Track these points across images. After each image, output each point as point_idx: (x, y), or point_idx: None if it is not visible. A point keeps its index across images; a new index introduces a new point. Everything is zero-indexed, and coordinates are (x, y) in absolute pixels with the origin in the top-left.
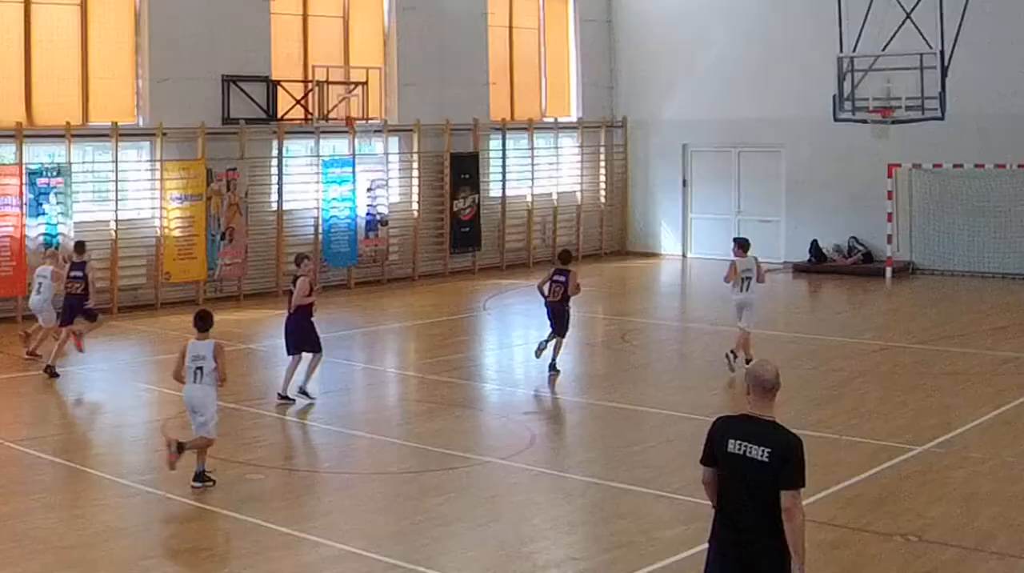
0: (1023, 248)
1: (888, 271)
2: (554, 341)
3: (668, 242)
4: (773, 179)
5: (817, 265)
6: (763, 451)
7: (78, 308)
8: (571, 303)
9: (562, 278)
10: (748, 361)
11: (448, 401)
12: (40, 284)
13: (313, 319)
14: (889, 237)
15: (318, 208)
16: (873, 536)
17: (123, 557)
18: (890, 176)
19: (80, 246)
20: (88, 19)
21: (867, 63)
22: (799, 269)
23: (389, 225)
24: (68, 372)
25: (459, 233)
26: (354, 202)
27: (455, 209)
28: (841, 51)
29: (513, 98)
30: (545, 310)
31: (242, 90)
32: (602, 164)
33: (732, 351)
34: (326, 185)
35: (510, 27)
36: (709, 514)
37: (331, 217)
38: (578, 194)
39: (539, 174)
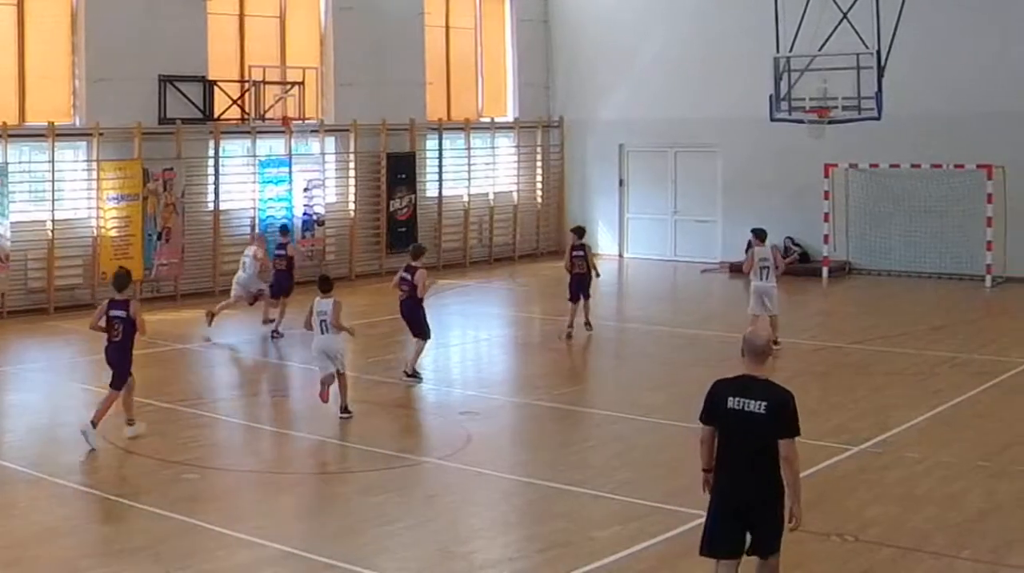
0: (959, 248)
1: (825, 271)
2: (581, 305)
3: (605, 242)
4: (709, 179)
5: None
6: (760, 405)
7: (285, 282)
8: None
9: (581, 252)
10: (775, 342)
11: (385, 401)
12: (245, 263)
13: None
14: (826, 237)
15: (255, 208)
16: (810, 536)
17: (60, 557)
18: (827, 176)
19: (284, 228)
20: (25, 19)
21: (803, 63)
22: (736, 269)
23: (326, 225)
24: (3, 372)
25: (396, 233)
26: (291, 202)
27: (392, 209)
28: (777, 51)
29: (450, 98)
30: (569, 280)
31: (178, 90)
32: (539, 164)
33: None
34: (263, 185)
35: (446, 27)
36: (642, 515)
37: (268, 217)
38: (515, 194)
39: (476, 174)
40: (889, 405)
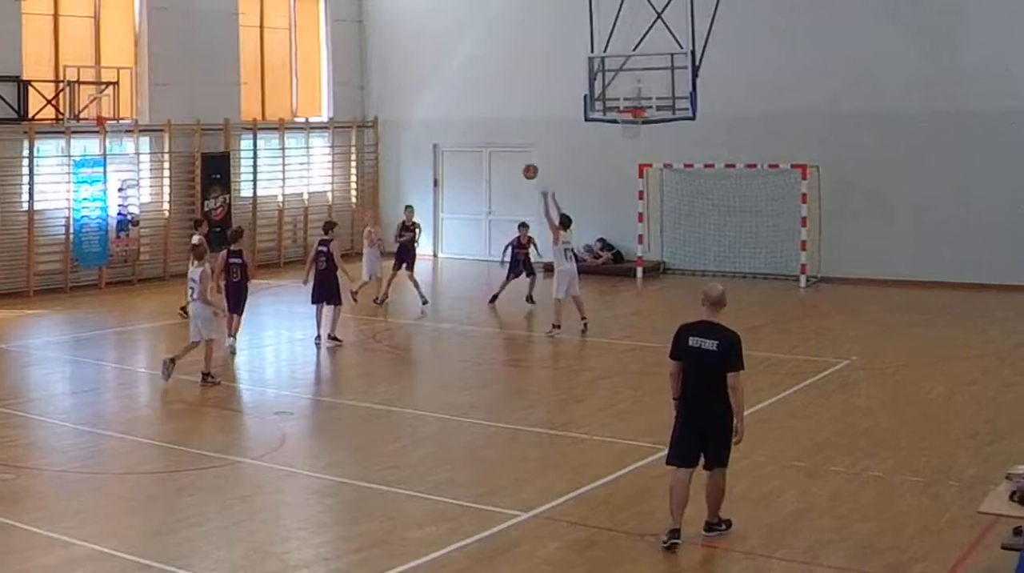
0: (774, 248)
1: (639, 271)
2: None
3: (419, 242)
4: (524, 179)
5: None
6: (713, 343)
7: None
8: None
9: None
10: (584, 319)
11: (199, 401)
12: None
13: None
14: (640, 237)
15: (69, 208)
16: (624, 536)
17: None
18: (641, 176)
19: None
20: None
21: (618, 63)
22: (550, 269)
23: (140, 225)
24: None
25: (211, 233)
26: (105, 202)
27: (206, 209)
28: (592, 51)
29: (264, 98)
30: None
31: None
32: (353, 164)
33: (558, 327)
34: (77, 185)
35: (261, 27)
36: (457, 515)
37: (82, 217)
38: (329, 194)
39: (290, 174)
40: None
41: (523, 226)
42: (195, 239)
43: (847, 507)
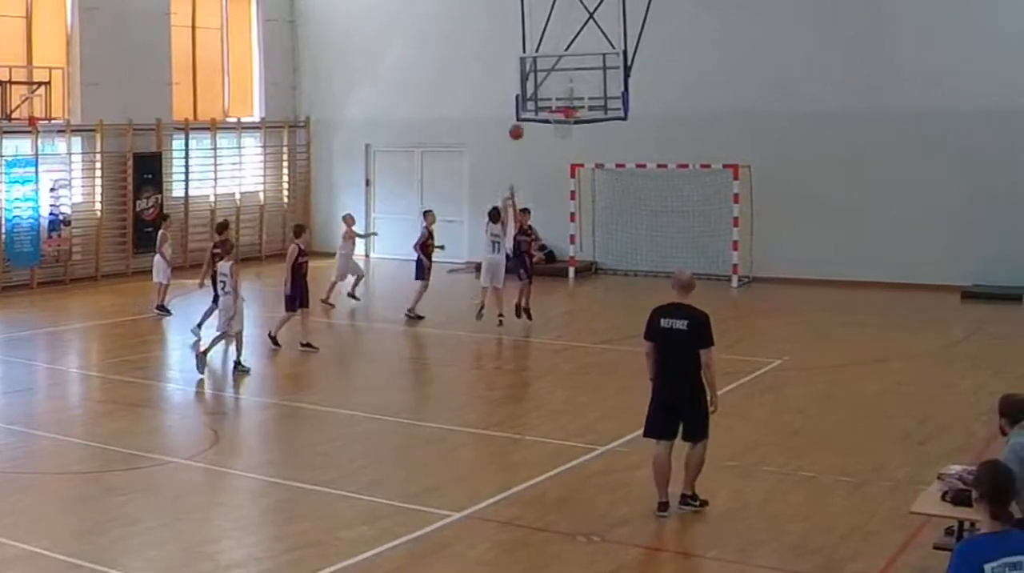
0: (706, 248)
1: (571, 271)
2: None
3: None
4: (456, 179)
5: None
6: (684, 323)
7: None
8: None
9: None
10: (501, 314)
11: (131, 401)
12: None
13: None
14: (572, 237)
15: (1, 208)
16: (556, 536)
17: None
18: (573, 176)
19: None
20: None
21: (550, 63)
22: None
23: (72, 225)
24: None
25: (142, 233)
26: (37, 202)
27: (138, 209)
28: (524, 51)
29: (196, 98)
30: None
31: None
32: (285, 164)
33: (482, 309)
34: (9, 185)
35: (193, 27)
36: (388, 515)
37: (14, 217)
38: (261, 194)
39: (222, 174)
40: (636, 405)
41: (524, 211)
42: (161, 234)
43: (779, 507)
